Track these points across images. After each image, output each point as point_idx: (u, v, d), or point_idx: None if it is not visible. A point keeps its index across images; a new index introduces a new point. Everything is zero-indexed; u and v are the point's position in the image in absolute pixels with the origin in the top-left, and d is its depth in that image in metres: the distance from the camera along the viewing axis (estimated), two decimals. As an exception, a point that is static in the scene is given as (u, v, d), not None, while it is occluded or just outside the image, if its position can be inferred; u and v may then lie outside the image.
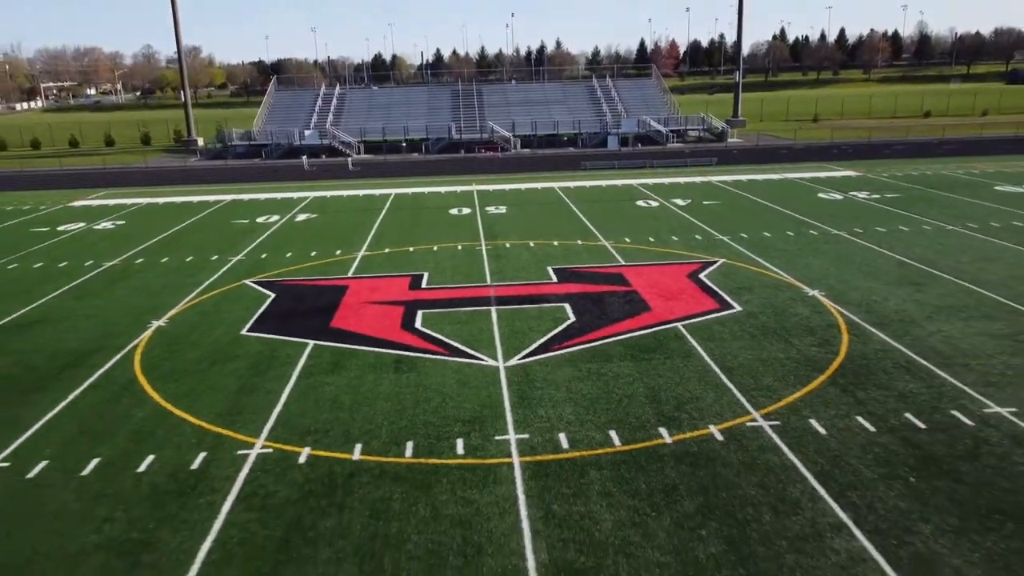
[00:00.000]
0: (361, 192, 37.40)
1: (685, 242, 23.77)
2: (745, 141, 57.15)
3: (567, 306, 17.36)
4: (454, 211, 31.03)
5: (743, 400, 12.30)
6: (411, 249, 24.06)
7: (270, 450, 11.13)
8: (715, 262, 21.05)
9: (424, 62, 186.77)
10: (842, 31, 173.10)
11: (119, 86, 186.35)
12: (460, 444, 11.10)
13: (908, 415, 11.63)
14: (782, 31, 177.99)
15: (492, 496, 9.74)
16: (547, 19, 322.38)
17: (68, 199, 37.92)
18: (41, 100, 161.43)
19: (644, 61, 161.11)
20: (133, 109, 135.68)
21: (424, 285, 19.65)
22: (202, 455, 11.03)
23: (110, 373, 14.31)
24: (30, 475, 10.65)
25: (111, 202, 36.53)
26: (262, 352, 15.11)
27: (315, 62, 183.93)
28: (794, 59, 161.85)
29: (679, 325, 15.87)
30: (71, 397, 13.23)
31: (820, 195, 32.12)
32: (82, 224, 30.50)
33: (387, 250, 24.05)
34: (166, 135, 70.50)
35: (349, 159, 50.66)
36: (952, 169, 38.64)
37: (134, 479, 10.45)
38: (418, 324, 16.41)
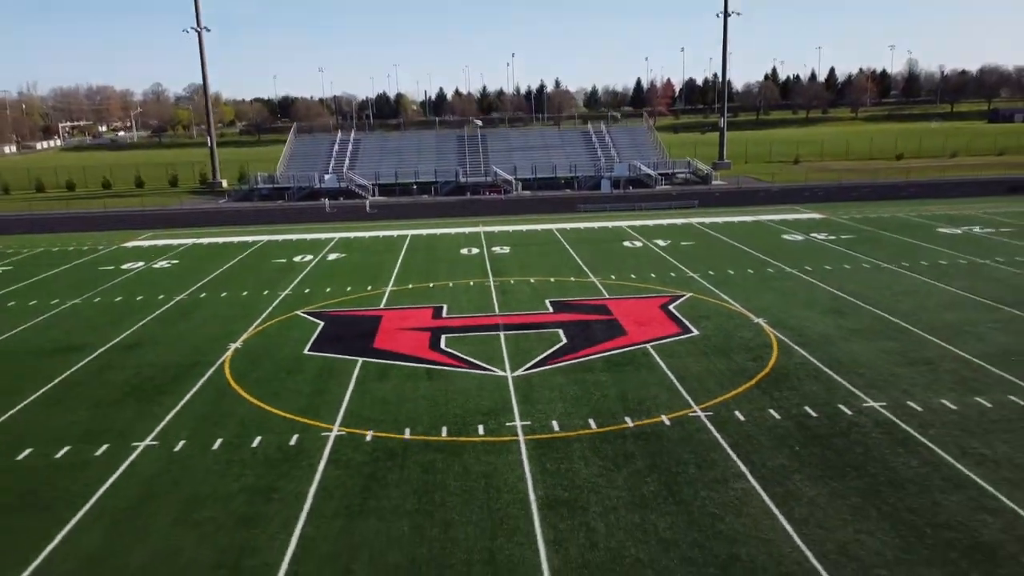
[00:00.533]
0: (381, 233, 42.06)
1: (661, 278, 28.28)
2: (727, 184, 62.03)
3: (560, 331, 21.78)
4: (464, 251, 35.61)
5: (688, 399, 16.67)
6: (431, 285, 28.57)
7: (344, 433, 15.49)
8: (683, 295, 25.52)
9: (427, 99, 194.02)
10: (831, 70, 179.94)
11: (131, 124, 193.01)
12: (481, 428, 15.47)
13: (806, 407, 16.01)
14: (774, 71, 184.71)
15: (505, 460, 14.08)
16: (546, 59, 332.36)
17: (120, 240, 42.62)
18: (59, 139, 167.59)
19: (640, 99, 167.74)
20: (148, 148, 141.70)
21: (444, 315, 24.10)
22: (295, 436, 15.39)
23: (210, 381, 18.72)
24: (176, 449, 15.01)
25: (159, 243, 41.21)
26: (323, 366, 19.53)
27: (321, 100, 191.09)
28: (785, 98, 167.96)
29: (648, 346, 20.29)
30: (187, 398, 17.64)
31: (784, 236, 36.73)
32: (142, 263, 35.10)
33: (410, 286, 28.56)
34: (191, 176, 75.53)
35: (367, 202, 55.46)
36: (907, 212, 43.34)
37: (251, 451, 14.81)
38: (443, 345, 20.83)
